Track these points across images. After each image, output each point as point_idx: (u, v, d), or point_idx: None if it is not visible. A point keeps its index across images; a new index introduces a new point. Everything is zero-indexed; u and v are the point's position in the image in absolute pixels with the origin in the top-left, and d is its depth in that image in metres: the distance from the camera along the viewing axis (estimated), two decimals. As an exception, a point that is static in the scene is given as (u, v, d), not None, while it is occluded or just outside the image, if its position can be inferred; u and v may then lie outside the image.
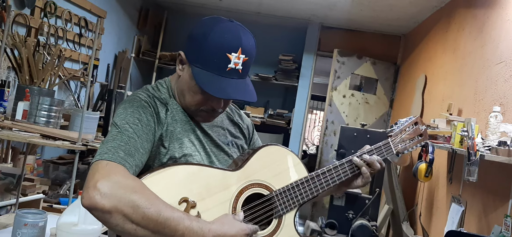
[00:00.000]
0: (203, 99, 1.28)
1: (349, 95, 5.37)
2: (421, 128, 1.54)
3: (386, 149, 1.48)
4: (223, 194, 1.28)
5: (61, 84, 3.96)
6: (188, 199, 1.21)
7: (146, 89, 1.33)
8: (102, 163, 1.11)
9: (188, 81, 1.28)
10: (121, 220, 1.07)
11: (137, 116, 1.22)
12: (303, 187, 1.36)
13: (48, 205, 3.04)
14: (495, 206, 2.35)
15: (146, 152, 1.21)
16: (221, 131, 1.42)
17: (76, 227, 2.04)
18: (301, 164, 1.39)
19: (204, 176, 1.27)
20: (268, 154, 1.36)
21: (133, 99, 1.27)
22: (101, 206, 1.05)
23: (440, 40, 3.87)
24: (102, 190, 1.06)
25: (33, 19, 3.49)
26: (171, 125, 1.29)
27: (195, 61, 1.26)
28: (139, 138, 1.19)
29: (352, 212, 3.45)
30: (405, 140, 1.52)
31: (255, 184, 1.32)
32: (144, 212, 1.07)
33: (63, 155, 4.06)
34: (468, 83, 3.03)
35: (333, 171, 1.41)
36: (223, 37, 1.24)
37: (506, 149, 1.98)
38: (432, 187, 3.41)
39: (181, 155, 1.27)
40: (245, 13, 5.53)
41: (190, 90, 1.29)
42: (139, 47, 5.59)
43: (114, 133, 1.19)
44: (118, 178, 1.09)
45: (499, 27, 2.70)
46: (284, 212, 1.33)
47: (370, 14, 4.78)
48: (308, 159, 8.28)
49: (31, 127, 2.52)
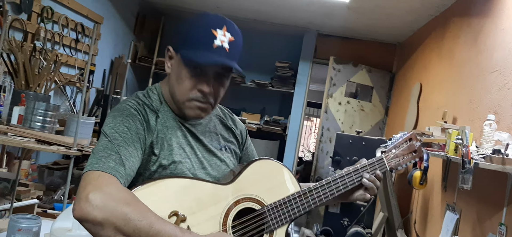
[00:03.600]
0: (192, 83, 1.27)
1: (345, 102, 5.39)
2: (415, 145, 1.54)
3: (380, 165, 1.49)
4: (214, 208, 1.26)
5: (57, 89, 3.96)
6: (178, 212, 1.20)
7: (136, 96, 1.33)
8: (94, 174, 1.11)
9: (176, 71, 1.29)
10: (113, 232, 1.05)
11: (126, 124, 1.22)
12: (295, 202, 1.35)
13: (42, 211, 3.03)
14: (490, 214, 2.36)
15: (136, 160, 1.21)
16: (214, 136, 1.42)
17: (70, 232, 2.03)
18: (294, 179, 1.38)
19: (196, 189, 1.25)
20: (260, 168, 1.35)
21: (122, 107, 1.27)
22: (93, 217, 1.04)
23: (435, 49, 3.90)
24: (94, 202, 1.05)
25: (29, 24, 3.49)
26: (162, 131, 1.28)
27: (182, 47, 1.28)
28: (129, 147, 1.19)
29: (347, 220, 3.45)
30: (398, 156, 1.52)
31: (247, 199, 1.31)
32: (136, 224, 1.06)
33: (58, 161, 4.05)
34: (463, 91, 3.04)
35: (326, 187, 1.41)
36: (207, 17, 1.28)
37: (500, 157, 1.99)
38: (427, 194, 3.42)
39: (170, 162, 1.26)
40: (242, 20, 5.54)
41: (179, 79, 1.28)
42: (136, 53, 5.59)
43: (104, 142, 1.19)
44: (110, 190, 1.08)
45: (494, 36, 2.72)
46: (276, 227, 1.32)
47: (366, 22, 4.81)
48: (304, 166, 8.28)
49: (26, 132, 2.52)
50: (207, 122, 1.42)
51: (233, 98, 5.94)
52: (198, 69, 1.26)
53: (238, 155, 1.50)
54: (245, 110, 5.96)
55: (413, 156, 1.54)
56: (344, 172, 1.44)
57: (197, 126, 1.37)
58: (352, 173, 1.45)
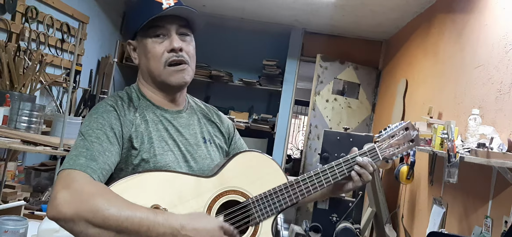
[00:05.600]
0: (161, 48, 1.31)
1: (332, 99, 5.41)
2: (412, 134, 1.50)
3: (372, 155, 1.45)
4: (196, 201, 1.25)
5: (43, 90, 3.92)
6: (159, 206, 1.18)
7: (115, 94, 1.35)
8: (64, 173, 1.13)
9: (144, 52, 1.34)
10: (84, 226, 1.06)
11: (100, 120, 1.23)
12: (281, 194, 1.33)
13: (29, 212, 2.99)
14: (475, 207, 2.39)
15: (112, 154, 1.21)
16: (197, 129, 1.41)
17: (57, 233, 2.01)
18: (280, 170, 1.36)
19: (176, 183, 1.24)
20: (245, 161, 1.34)
21: (98, 106, 1.29)
22: (63, 215, 1.06)
23: (421, 45, 3.94)
24: (62, 199, 1.06)
25: (14, 24, 3.45)
26: (140, 126, 1.28)
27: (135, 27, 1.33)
28: (103, 142, 1.20)
29: (336, 216, 3.47)
30: (393, 145, 1.48)
31: (231, 191, 1.29)
32: (104, 214, 1.07)
33: (46, 162, 4.01)
34: (447, 86, 3.08)
35: (314, 178, 1.38)
36: None
37: (485, 151, 2.01)
38: (414, 189, 3.45)
39: (152, 155, 1.26)
40: (228, 18, 5.54)
41: (148, 55, 1.33)
42: (122, 53, 5.55)
43: (78, 141, 1.21)
44: (77, 186, 1.09)
45: (478, 32, 2.76)
46: (261, 220, 1.30)
47: (352, 20, 4.84)
48: (292, 164, 8.31)
49: (12, 133, 2.49)
50: (189, 116, 1.42)
51: (221, 97, 5.94)
52: (160, 34, 1.31)
53: (224, 150, 1.49)
54: (233, 108, 5.96)
55: (410, 146, 1.50)
56: (334, 163, 1.42)
57: (179, 119, 1.37)
58: (342, 164, 1.42)
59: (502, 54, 2.38)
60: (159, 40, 1.31)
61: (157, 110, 1.34)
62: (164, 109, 1.36)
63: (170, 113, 1.36)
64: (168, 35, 1.32)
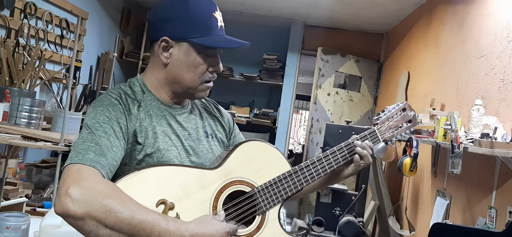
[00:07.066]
0: (206, 66, 1.32)
1: (334, 93, 5.39)
2: (409, 114, 1.50)
3: (373, 138, 1.46)
4: (202, 193, 1.24)
5: (43, 86, 3.90)
6: (166, 201, 1.18)
7: (118, 87, 1.32)
8: (73, 168, 1.10)
9: (183, 59, 1.30)
10: (95, 226, 1.04)
11: (107, 114, 1.21)
12: (286, 181, 1.33)
13: (31, 209, 2.99)
14: (479, 198, 2.38)
15: (119, 150, 1.19)
16: (199, 123, 1.41)
17: (59, 229, 2.01)
18: (283, 158, 1.36)
19: (181, 176, 1.23)
20: (248, 150, 1.33)
21: (102, 98, 1.26)
22: (73, 213, 1.03)
23: (422, 36, 3.92)
24: (74, 196, 1.03)
25: (12, 20, 3.43)
26: (145, 120, 1.27)
27: (188, 35, 1.28)
28: (111, 136, 1.18)
29: (339, 209, 3.46)
30: (392, 127, 1.49)
31: (236, 182, 1.29)
32: (117, 216, 1.05)
33: (47, 159, 4.00)
34: (450, 78, 3.06)
35: (317, 164, 1.39)
36: (200, 3, 1.31)
37: (489, 141, 2.00)
38: (417, 181, 3.44)
39: (155, 150, 1.25)
40: (228, 12, 5.51)
41: (189, 66, 1.30)
42: (122, 48, 5.53)
43: (84, 134, 1.18)
44: (89, 183, 1.06)
45: (479, 22, 2.73)
46: (268, 208, 1.31)
47: (353, 12, 4.81)
48: (294, 158, 8.31)
49: (12, 129, 2.48)
50: (191, 110, 1.41)
51: (222, 92, 5.92)
52: (211, 54, 1.32)
53: (225, 144, 1.49)
54: (234, 103, 5.95)
55: (408, 126, 1.50)
56: (336, 148, 1.42)
57: (182, 114, 1.37)
58: (343, 148, 1.43)
59: (505, 44, 2.36)
60: (206, 57, 1.31)
61: (161, 105, 1.33)
62: (168, 104, 1.35)
63: (174, 108, 1.36)
64: (214, 55, 1.33)
